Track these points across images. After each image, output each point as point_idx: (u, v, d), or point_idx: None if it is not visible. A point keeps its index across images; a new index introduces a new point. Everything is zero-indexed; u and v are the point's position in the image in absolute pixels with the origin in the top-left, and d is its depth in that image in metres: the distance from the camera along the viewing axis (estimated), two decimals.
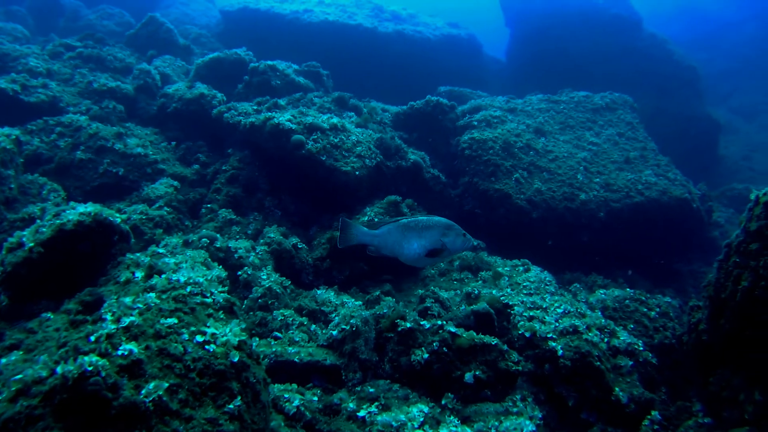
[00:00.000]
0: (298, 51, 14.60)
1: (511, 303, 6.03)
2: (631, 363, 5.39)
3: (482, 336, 5.41)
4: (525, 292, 7.04)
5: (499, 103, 11.08)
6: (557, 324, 5.50)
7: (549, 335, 5.40)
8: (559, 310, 5.70)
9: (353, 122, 9.62)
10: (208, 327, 3.79)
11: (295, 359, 5.76)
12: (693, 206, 9.80)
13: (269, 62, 10.89)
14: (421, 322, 5.61)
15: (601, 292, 7.13)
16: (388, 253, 5.01)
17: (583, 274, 8.74)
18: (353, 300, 6.92)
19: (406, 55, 15.78)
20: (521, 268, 7.59)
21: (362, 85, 13.65)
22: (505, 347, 5.34)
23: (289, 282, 7.39)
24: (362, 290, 7.69)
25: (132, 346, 3.29)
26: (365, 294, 7.60)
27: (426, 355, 5.34)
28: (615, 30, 16.50)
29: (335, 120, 8.98)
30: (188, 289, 4.15)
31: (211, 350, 3.58)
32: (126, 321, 3.51)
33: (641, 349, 5.58)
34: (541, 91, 12.10)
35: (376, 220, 7.87)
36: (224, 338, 3.76)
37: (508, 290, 6.78)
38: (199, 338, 3.60)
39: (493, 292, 6.24)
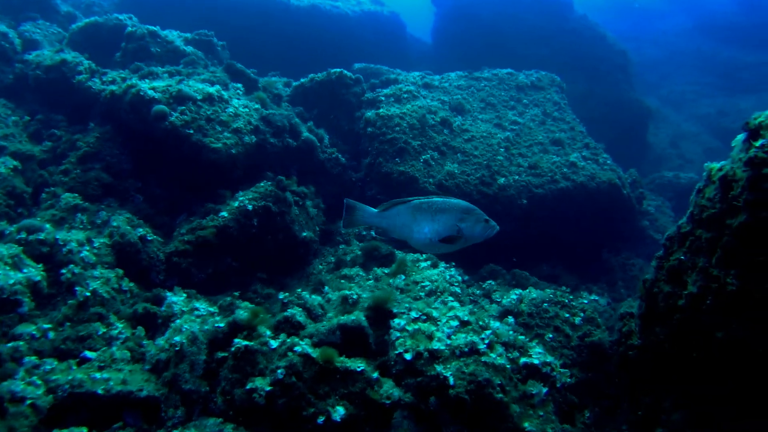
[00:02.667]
0: (207, 26, 12.77)
1: (396, 311, 4.46)
2: (545, 390, 3.90)
3: (345, 360, 3.85)
4: (422, 293, 5.50)
5: (413, 79, 9.54)
6: (450, 341, 3.97)
7: (438, 357, 3.86)
8: (452, 323, 4.15)
9: (240, 95, 7.91)
10: None
11: (99, 390, 4.10)
12: (623, 193, 8.47)
13: (149, 27, 9.07)
14: (268, 340, 4.01)
15: (517, 293, 5.66)
16: (397, 237, 4.35)
17: (504, 269, 7.28)
18: (207, 305, 5.27)
19: (322, 31, 14.08)
20: (423, 264, 6.05)
21: (276, 64, 11.91)
22: (376, 374, 3.78)
23: (133, 283, 5.72)
24: (226, 291, 6.06)
25: None
26: (231, 296, 5.97)
27: (268, 387, 3.75)
28: (546, 9, 15.14)
29: (211, 89, 7.27)
30: None
31: None
32: None
33: (559, 368, 4.10)
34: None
35: (249, 207, 6.22)
36: None
37: (397, 294, 5.22)
38: None
39: (379, 294, 4.67)
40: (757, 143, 3.12)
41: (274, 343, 3.96)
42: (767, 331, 2.93)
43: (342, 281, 6.16)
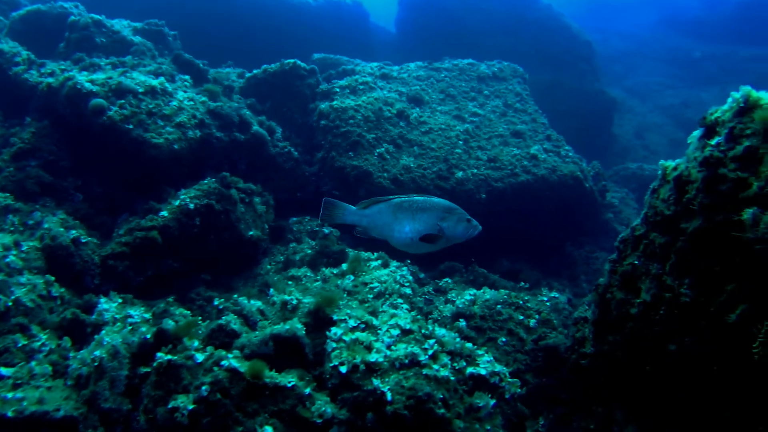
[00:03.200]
0: (162, 16, 12.27)
1: (337, 318, 4.15)
2: (493, 402, 3.62)
3: (275, 375, 3.53)
4: (371, 296, 5.20)
5: (370, 69, 9.19)
6: (390, 352, 3.66)
7: (376, 370, 3.56)
8: (393, 332, 3.84)
9: (188, 87, 7.51)
10: None
11: (9, 413, 3.73)
12: (586, 186, 8.25)
13: (94, 16, 8.59)
14: (194, 353, 3.67)
15: (471, 293, 5.39)
16: (377, 235, 4.32)
17: (462, 265, 7.01)
18: (142, 311, 4.91)
19: (284, 21, 13.66)
20: (374, 263, 5.75)
21: (235, 55, 11.47)
22: (308, 390, 3.47)
23: (64, 289, 5.33)
24: (166, 295, 5.70)
25: None
26: (165, 302, 5.62)
27: (191, 405, 3.41)
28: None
29: (154, 82, 6.87)
30: None
31: None
32: None
33: (508, 378, 3.82)
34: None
35: (191, 206, 5.85)
36: None
37: (344, 297, 4.92)
38: None
39: (318, 300, 4.34)
40: (713, 141, 2.87)
41: (200, 357, 3.63)
42: (721, 348, 2.68)
43: (289, 282, 5.83)
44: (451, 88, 9.15)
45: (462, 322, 4.76)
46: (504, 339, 4.67)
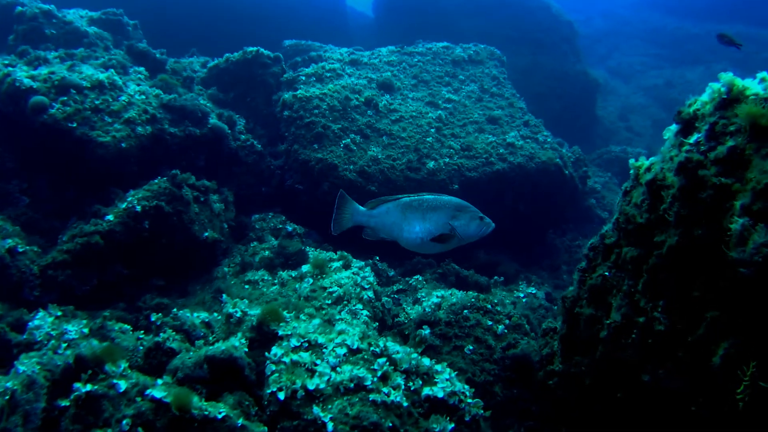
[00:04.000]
0: (126, 5, 11.72)
1: (283, 332, 3.74)
2: (450, 427, 3.22)
3: (205, 405, 3.11)
4: (329, 301, 4.78)
5: (339, 55, 8.71)
6: (335, 374, 3.25)
7: (317, 396, 3.15)
8: (340, 351, 3.42)
9: (142, 80, 7.03)
10: None
11: None
12: (565, 173, 7.83)
13: (43, 6, 8.06)
14: (116, 382, 3.25)
15: (438, 295, 4.99)
16: (386, 237, 4.13)
17: (434, 260, 6.61)
18: (82, 325, 4.47)
19: (255, 6, 13.12)
20: (335, 265, 5.33)
21: (204, 45, 10.93)
22: (241, 421, 3.06)
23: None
24: (115, 304, 5.28)
25: None
26: (122, 312, 5.21)
27: None
28: None
29: (102, 76, 6.38)
30: None
31: None
32: None
33: (469, 398, 3.42)
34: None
35: (138, 209, 5.39)
36: None
37: (300, 304, 4.50)
38: None
39: (262, 314, 3.92)
40: (691, 139, 2.45)
41: (123, 385, 3.21)
42: (700, 387, 2.27)
43: (246, 287, 5.42)
44: (424, 73, 8.69)
45: (426, 330, 4.35)
46: (471, 347, 4.27)
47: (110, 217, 5.37)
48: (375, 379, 3.20)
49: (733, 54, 17.10)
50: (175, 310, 4.42)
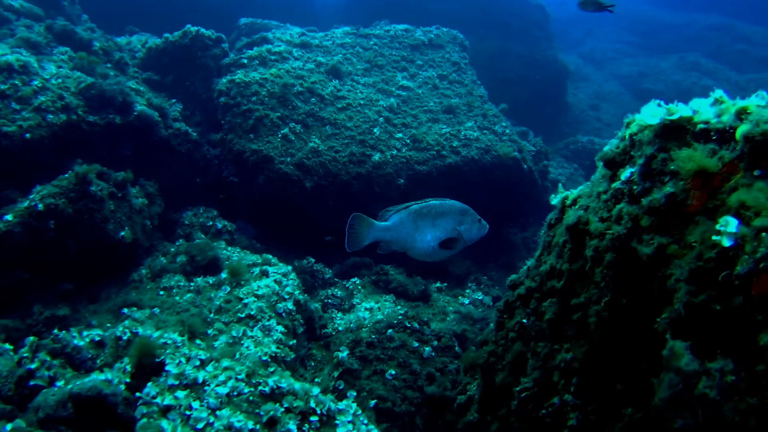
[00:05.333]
0: None
1: (169, 361, 3.21)
2: None
3: None
4: (243, 314, 4.27)
5: (289, 36, 8.09)
6: (213, 419, 2.74)
7: None
8: (221, 390, 2.90)
9: (64, 61, 6.38)
10: None
11: None
12: (523, 167, 7.33)
13: None
14: None
15: (366, 307, 4.51)
16: (399, 249, 4.05)
17: (372, 261, 6.11)
18: None
19: None
20: (256, 271, 4.80)
21: (154, 22, 10.23)
22: None
23: None
24: (14, 313, 4.72)
25: None
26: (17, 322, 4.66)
27: None
28: None
29: (10, 58, 5.73)
30: None
31: None
32: None
33: None
34: None
35: (40, 207, 4.80)
36: None
37: (214, 319, 3.98)
38: None
39: (140, 345, 3.39)
40: (623, 174, 1.97)
41: None
42: None
43: (161, 293, 4.88)
44: (379, 57, 8.11)
45: (344, 352, 3.86)
46: (393, 372, 3.78)
47: (8, 217, 4.77)
48: (257, 427, 2.69)
49: (706, 44, 16.72)
50: (55, 330, 3.86)
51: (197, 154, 6.66)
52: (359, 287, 5.58)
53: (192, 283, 4.85)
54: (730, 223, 1.52)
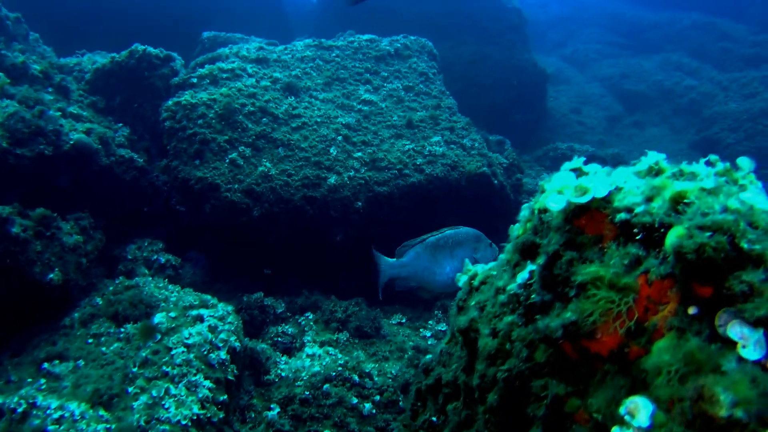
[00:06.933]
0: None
1: None
2: None
3: None
4: (169, 368, 3.85)
5: (245, 52, 7.67)
6: None
7: None
8: None
9: None
10: None
11: None
12: (494, 183, 6.94)
13: None
14: None
15: (308, 353, 4.12)
16: (416, 284, 3.97)
17: (324, 296, 5.70)
18: None
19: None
20: (193, 313, 4.39)
21: (120, 44, 9.85)
22: None
23: None
24: None
25: None
26: None
27: None
28: None
29: None
30: None
31: None
32: None
33: None
34: None
35: None
36: None
37: (137, 374, 3.57)
38: None
39: (49, 401, 2.97)
40: (523, 273, 1.58)
41: None
42: None
43: (89, 341, 4.46)
44: (341, 70, 7.71)
45: (273, 411, 3.45)
46: None
47: None
48: None
49: (688, 43, 16.38)
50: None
51: (144, 182, 6.25)
52: (312, 323, 5.17)
53: (123, 330, 4.44)
54: (640, 410, 1.09)
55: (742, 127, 12.27)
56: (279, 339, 4.99)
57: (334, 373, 3.69)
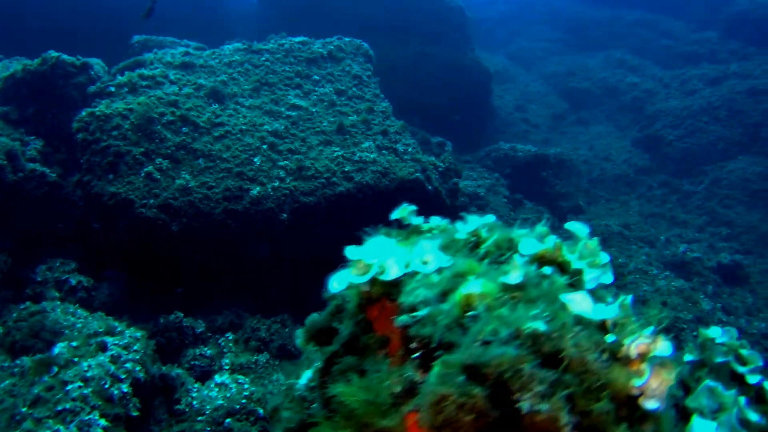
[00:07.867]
0: None
1: None
2: None
3: None
4: (67, 404, 3.61)
5: (170, 57, 7.39)
6: None
7: None
8: None
9: None
10: None
11: None
12: (428, 188, 6.81)
13: None
14: None
15: (217, 382, 3.89)
16: None
17: (249, 315, 5.49)
18: None
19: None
20: (96, 342, 4.14)
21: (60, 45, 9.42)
22: None
23: None
24: None
25: None
26: None
27: None
28: None
29: None
30: None
31: None
32: None
33: None
34: None
35: None
36: None
37: (26, 414, 3.32)
38: None
39: None
40: (306, 375, 1.37)
41: None
42: None
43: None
44: (270, 74, 7.48)
45: None
46: None
47: None
48: None
49: (632, 40, 16.55)
50: None
51: (56, 197, 5.94)
52: (231, 345, 4.96)
53: (18, 362, 4.16)
54: None
55: (683, 124, 12.42)
56: (196, 362, 4.78)
57: (237, 406, 3.51)
